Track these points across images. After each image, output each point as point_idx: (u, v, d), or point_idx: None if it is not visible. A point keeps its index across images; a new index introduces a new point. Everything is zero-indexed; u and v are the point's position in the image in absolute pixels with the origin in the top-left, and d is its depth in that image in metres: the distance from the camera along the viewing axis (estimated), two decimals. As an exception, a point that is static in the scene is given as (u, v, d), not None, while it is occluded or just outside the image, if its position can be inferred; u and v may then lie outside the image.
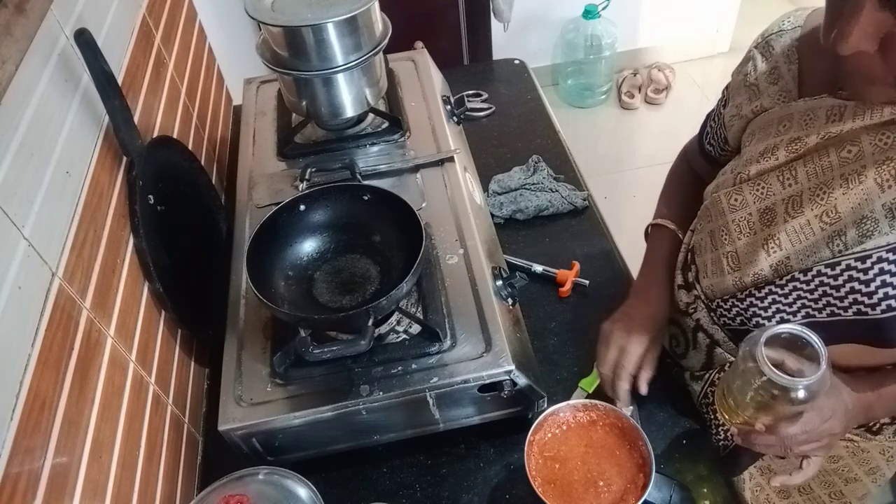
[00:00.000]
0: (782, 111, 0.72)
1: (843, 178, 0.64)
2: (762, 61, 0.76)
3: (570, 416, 0.74)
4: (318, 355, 0.70)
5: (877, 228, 0.62)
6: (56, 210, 0.65)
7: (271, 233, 0.81)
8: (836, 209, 0.64)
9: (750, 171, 0.73)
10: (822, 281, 0.66)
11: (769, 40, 0.76)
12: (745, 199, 0.73)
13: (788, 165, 0.69)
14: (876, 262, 0.62)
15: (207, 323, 0.92)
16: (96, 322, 0.67)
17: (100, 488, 0.63)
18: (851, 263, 0.64)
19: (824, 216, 0.65)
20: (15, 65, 0.58)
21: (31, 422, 0.54)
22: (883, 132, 0.62)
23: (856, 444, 0.84)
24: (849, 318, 0.66)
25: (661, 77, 2.92)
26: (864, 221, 0.62)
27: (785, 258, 0.69)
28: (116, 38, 0.88)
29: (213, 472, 0.77)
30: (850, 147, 0.64)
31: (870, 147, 0.63)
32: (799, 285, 0.68)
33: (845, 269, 0.64)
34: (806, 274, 0.67)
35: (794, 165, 0.69)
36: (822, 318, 0.68)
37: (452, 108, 1.13)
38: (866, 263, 0.63)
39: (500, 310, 0.79)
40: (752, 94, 0.77)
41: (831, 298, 0.66)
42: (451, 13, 2.09)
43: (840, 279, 0.65)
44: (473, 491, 0.80)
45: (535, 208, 1.11)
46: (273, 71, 0.94)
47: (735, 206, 0.74)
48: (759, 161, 0.72)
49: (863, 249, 0.63)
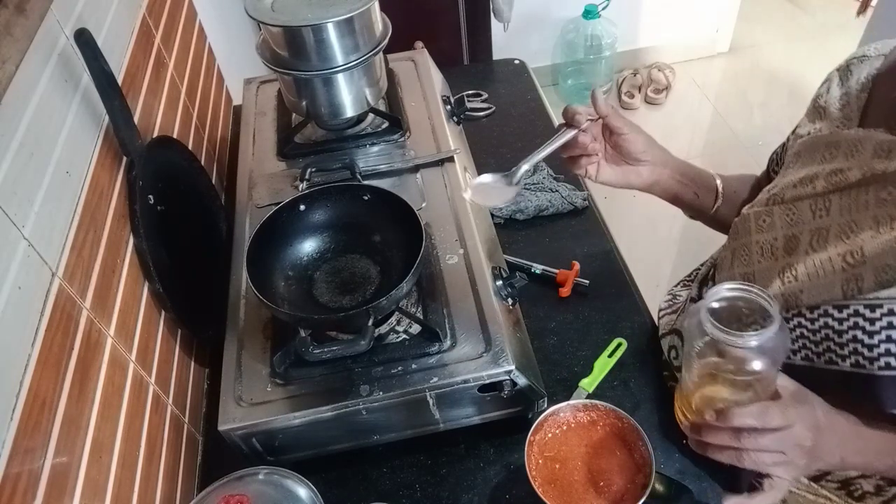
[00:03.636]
0: (830, 137, 0.68)
1: (875, 219, 0.60)
2: (837, 85, 0.72)
3: (570, 416, 0.74)
4: (318, 355, 0.70)
5: None
6: (56, 210, 0.65)
7: (271, 233, 0.81)
8: (862, 251, 0.60)
9: (785, 195, 0.70)
10: (827, 322, 0.62)
11: (850, 64, 0.72)
12: (773, 222, 0.70)
13: (824, 196, 0.66)
14: (885, 314, 0.58)
15: (207, 323, 0.92)
16: (96, 322, 0.67)
17: (100, 488, 0.63)
18: (860, 309, 0.60)
19: (848, 255, 0.61)
20: (15, 65, 0.57)
21: (31, 422, 0.54)
22: None
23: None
24: (846, 370, 0.62)
25: (661, 77, 2.92)
26: (887, 270, 0.58)
27: (798, 291, 0.65)
28: (116, 38, 0.88)
29: (213, 472, 0.77)
30: (891, 189, 0.60)
31: None
32: (804, 322, 0.65)
33: (852, 313, 0.60)
34: (812, 311, 0.63)
35: (829, 197, 0.65)
36: (820, 364, 0.64)
37: (452, 108, 1.13)
38: (875, 312, 0.59)
39: (500, 310, 0.79)
40: (817, 115, 0.74)
41: (832, 343, 0.62)
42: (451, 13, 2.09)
43: (844, 324, 0.61)
44: (473, 491, 0.80)
45: (535, 208, 1.11)
46: (273, 71, 0.94)
47: (762, 227, 0.71)
48: (797, 187, 0.69)
49: (875, 297, 0.59)
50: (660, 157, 0.82)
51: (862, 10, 3.10)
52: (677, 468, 0.79)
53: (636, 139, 0.79)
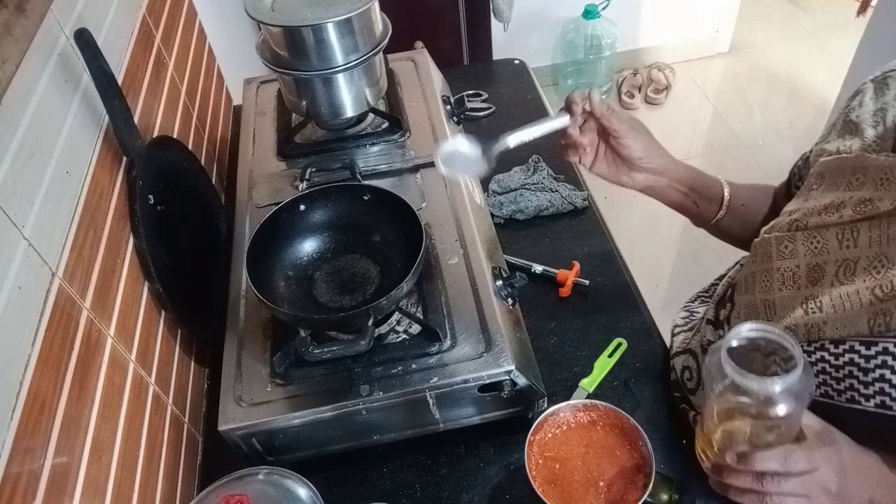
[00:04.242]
0: (857, 161, 0.64)
1: None
2: (871, 99, 0.68)
3: (570, 416, 0.74)
4: (318, 355, 0.70)
5: None
6: (56, 210, 0.65)
7: (271, 233, 0.81)
8: (893, 285, 0.57)
9: (809, 222, 0.66)
10: (853, 359, 0.59)
11: (888, 77, 0.67)
12: (796, 249, 0.66)
13: (851, 225, 0.62)
14: None
15: (207, 323, 0.92)
16: (96, 322, 0.67)
17: (100, 488, 0.63)
18: (889, 348, 0.57)
19: (877, 289, 0.58)
20: (15, 65, 0.58)
21: (31, 422, 0.54)
22: None
23: None
24: (870, 410, 0.59)
25: (661, 77, 2.92)
26: None
27: (822, 322, 0.62)
28: (116, 38, 0.88)
29: (213, 472, 0.77)
30: None
31: None
32: (827, 356, 0.62)
33: (881, 351, 0.57)
34: (837, 346, 0.60)
35: (857, 226, 0.62)
36: (841, 401, 0.62)
37: (452, 108, 1.13)
38: None
39: (500, 310, 0.79)
40: (848, 131, 0.69)
41: (856, 381, 0.60)
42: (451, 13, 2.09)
43: (872, 362, 0.58)
44: (473, 491, 0.80)
45: (535, 208, 1.11)
46: (273, 71, 0.94)
47: (784, 253, 0.68)
48: (822, 214, 0.65)
49: None
50: (659, 164, 0.78)
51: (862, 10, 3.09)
52: (677, 468, 0.79)
53: (633, 145, 0.75)
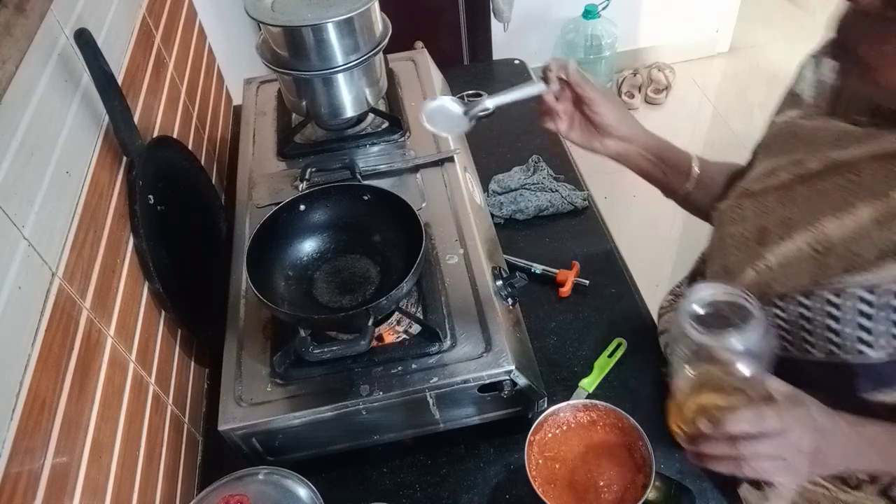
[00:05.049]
0: (791, 128, 0.68)
1: (835, 207, 0.60)
2: (811, 71, 0.71)
3: (570, 416, 0.74)
4: (318, 355, 0.70)
5: (863, 264, 0.57)
6: (56, 210, 0.65)
7: (271, 233, 0.81)
8: (829, 238, 0.60)
9: (753, 188, 0.71)
10: (801, 313, 0.62)
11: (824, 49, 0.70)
12: (744, 214, 0.71)
13: (789, 187, 0.66)
14: (852, 300, 0.58)
15: (207, 323, 0.92)
16: (96, 322, 0.67)
17: (100, 488, 0.63)
18: (827, 296, 0.59)
19: (815, 244, 0.61)
20: (15, 65, 0.58)
21: (31, 422, 0.54)
22: (888, 165, 0.58)
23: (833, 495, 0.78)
24: (821, 360, 0.62)
25: (661, 77, 2.92)
26: (852, 255, 0.58)
27: (772, 280, 0.65)
28: (116, 38, 0.88)
29: (213, 472, 0.77)
30: (850, 175, 0.60)
31: (870, 179, 0.59)
32: (778, 312, 0.64)
33: (820, 300, 0.60)
34: (783, 300, 0.63)
35: (794, 187, 0.66)
36: (796, 353, 0.64)
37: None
38: (841, 298, 0.58)
39: (500, 310, 0.79)
40: (792, 102, 0.72)
41: (806, 334, 0.62)
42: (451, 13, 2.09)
43: (815, 311, 0.61)
44: (473, 491, 0.80)
45: (535, 208, 1.11)
46: (273, 71, 0.94)
47: (735, 219, 0.72)
48: (763, 179, 0.70)
49: (840, 283, 0.58)
50: (629, 133, 0.82)
51: (862, 9, 3.09)
52: (677, 468, 0.79)
53: (606, 113, 0.79)
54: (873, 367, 0.59)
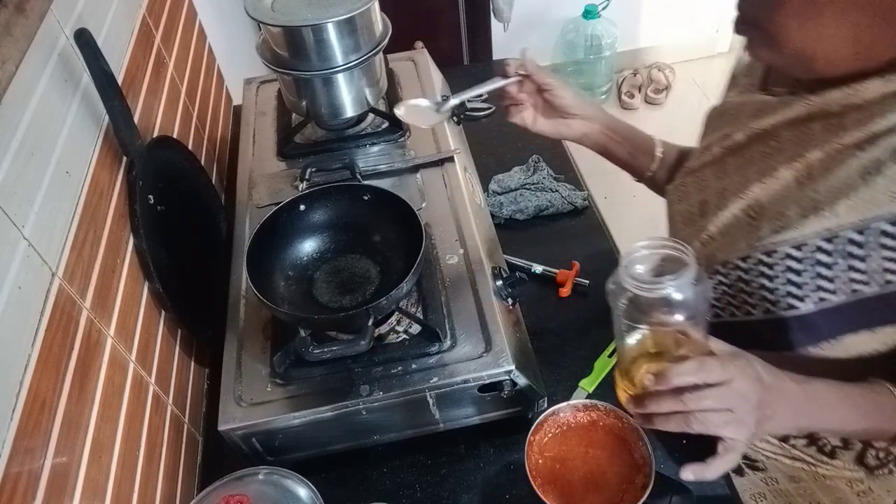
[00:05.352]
0: (723, 106, 0.74)
1: (761, 172, 0.65)
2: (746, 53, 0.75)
3: (570, 416, 0.74)
4: (318, 355, 0.70)
5: (789, 223, 0.61)
6: (56, 210, 0.65)
7: (271, 233, 0.81)
8: (760, 202, 0.64)
9: (693, 165, 0.76)
10: (739, 276, 0.65)
11: None
12: (688, 191, 0.75)
13: (721, 160, 0.71)
14: (782, 258, 0.61)
15: (207, 323, 0.92)
16: (96, 322, 0.67)
17: (100, 488, 0.63)
18: (760, 257, 0.63)
19: (749, 210, 0.65)
20: (15, 65, 0.58)
21: (31, 422, 0.54)
22: (801, 128, 0.62)
23: (813, 468, 0.81)
24: (760, 318, 0.65)
25: (661, 77, 2.92)
26: (779, 216, 0.62)
27: (715, 250, 0.68)
28: (116, 38, 0.88)
29: (213, 472, 0.77)
30: (771, 142, 0.65)
31: (788, 143, 0.63)
32: (721, 279, 0.68)
33: (756, 263, 0.63)
34: (725, 266, 0.67)
35: (726, 160, 0.71)
36: (741, 316, 0.67)
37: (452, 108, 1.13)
38: (772, 258, 0.62)
39: (500, 310, 0.79)
40: (731, 85, 0.77)
41: (745, 295, 0.65)
42: (451, 13, 2.09)
43: (751, 273, 0.64)
44: (473, 491, 0.80)
45: (535, 208, 1.11)
46: (273, 71, 0.94)
47: (681, 197, 0.76)
48: (700, 157, 0.75)
49: (772, 244, 0.62)
50: (589, 111, 0.86)
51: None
52: (677, 468, 0.79)
53: (564, 94, 0.83)
54: (804, 319, 0.62)
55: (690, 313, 0.56)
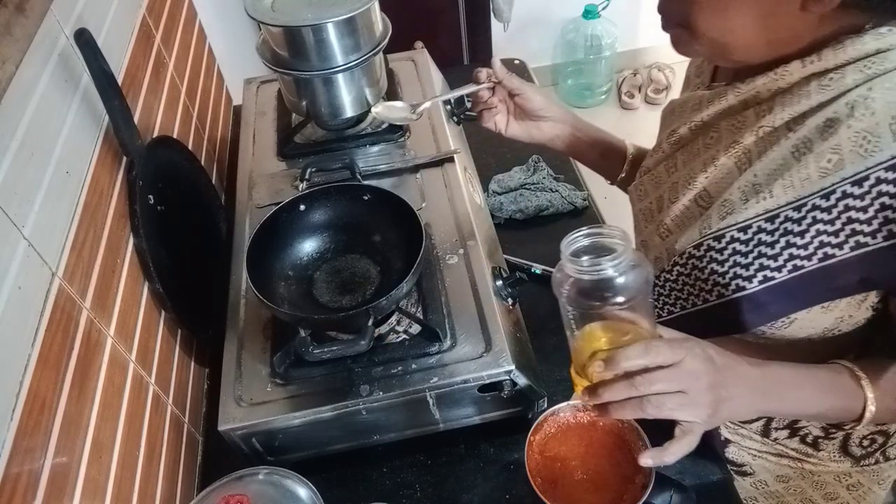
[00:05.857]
0: (671, 105, 0.77)
1: (705, 162, 0.67)
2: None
3: (570, 416, 0.74)
4: (318, 355, 0.70)
5: (734, 208, 0.63)
6: (56, 210, 0.65)
7: (271, 233, 0.81)
8: (707, 192, 0.67)
9: (648, 164, 0.78)
10: (694, 264, 0.67)
11: None
12: (646, 189, 0.77)
13: (671, 156, 0.74)
14: (729, 242, 0.63)
15: (207, 323, 0.92)
16: (96, 322, 0.67)
17: (100, 488, 0.63)
18: (711, 244, 0.65)
19: (699, 199, 0.68)
20: (15, 65, 0.57)
21: (31, 422, 0.54)
22: (737, 116, 0.65)
23: (800, 465, 0.82)
24: (714, 303, 0.66)
25: (661, 77, 2.92)
26: (724, 202, 0.64)
27: (673, 242, 0.70)
28: (116, 38, 0.88)
29: (213, 472, 0.77)
30: (711, 133, 0.68)
31: (726, 131, 0.66)
32: (680, 270, 0.69)
33: (707, 249, 0.65)
34: (682, 257, 0.68)
35: (675, 155, 0.73)
36: (700, 304, 0.68)
37: (452, 108, 1.13)
38: (721, 243, 0.64)
39: (500, 310, 0.79)
40: (685, 85, 0.81)
41: (701, 283, 0.67)
42: (451, 13, 2.09)
43: (704, 260, 0.66)
44: (473, 491, 0.80)
45: (535, 208, 1.11)
46: (273, 71, 0.94)
47: (640, 196, 0.78)
48: (653, 156, 0.77)
49: (720, 229, 0.64)
50: (559, 114, 0.88)
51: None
52: (677, 468, 0.79)
53: (533, 97, 0.86)
54: (753, 299, 0.63)
55: (632, 295, 0.56)
